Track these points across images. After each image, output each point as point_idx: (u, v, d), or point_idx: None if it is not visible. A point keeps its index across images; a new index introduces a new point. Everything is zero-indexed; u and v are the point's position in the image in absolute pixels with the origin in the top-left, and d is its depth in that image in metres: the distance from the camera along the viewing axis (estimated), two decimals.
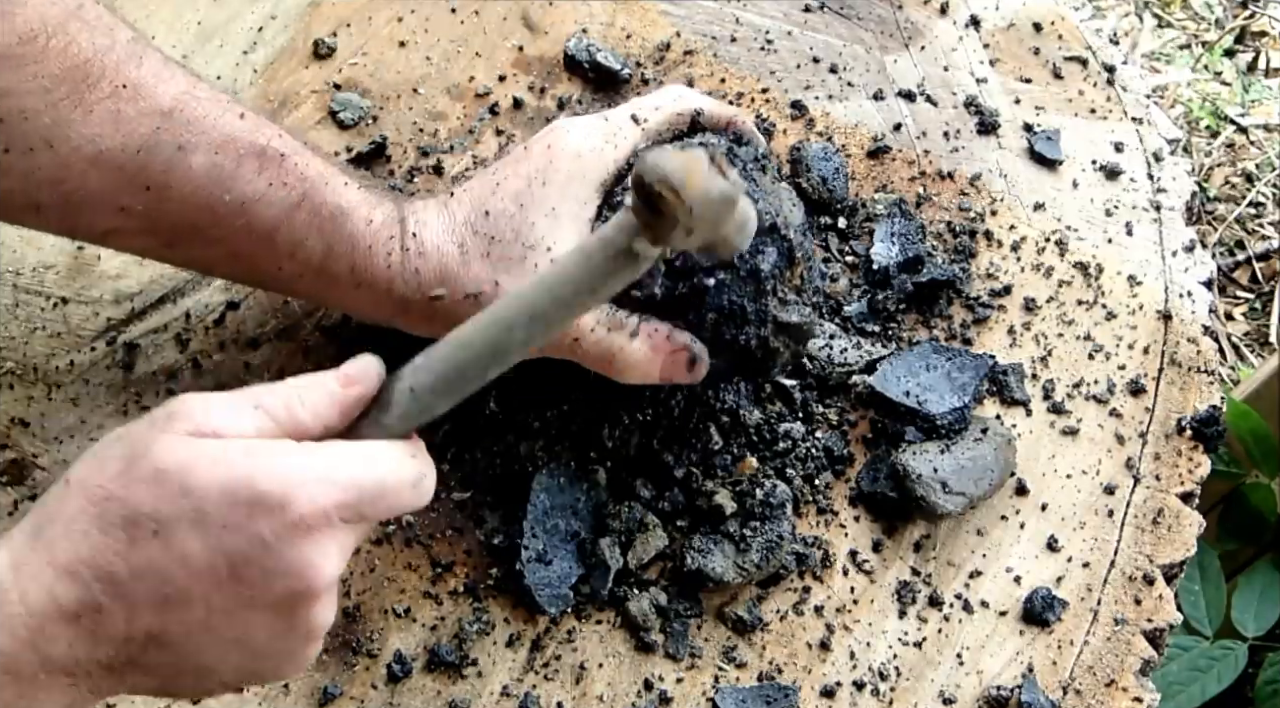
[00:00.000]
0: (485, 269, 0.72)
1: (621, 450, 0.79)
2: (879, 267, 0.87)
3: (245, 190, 0.71)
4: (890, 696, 0.75)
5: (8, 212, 0.72)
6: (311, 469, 0.55)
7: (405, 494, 0.59)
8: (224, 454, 0.55)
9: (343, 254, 0.73)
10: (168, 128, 0.70)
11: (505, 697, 0.74)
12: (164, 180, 0.70)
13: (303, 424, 0.58)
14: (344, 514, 0.56)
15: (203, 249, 0.74)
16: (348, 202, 0.73)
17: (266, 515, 0.54)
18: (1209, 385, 0.86)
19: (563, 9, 1.00)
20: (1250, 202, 2.05)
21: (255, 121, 0.73)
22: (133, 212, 0.71)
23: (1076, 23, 1.03)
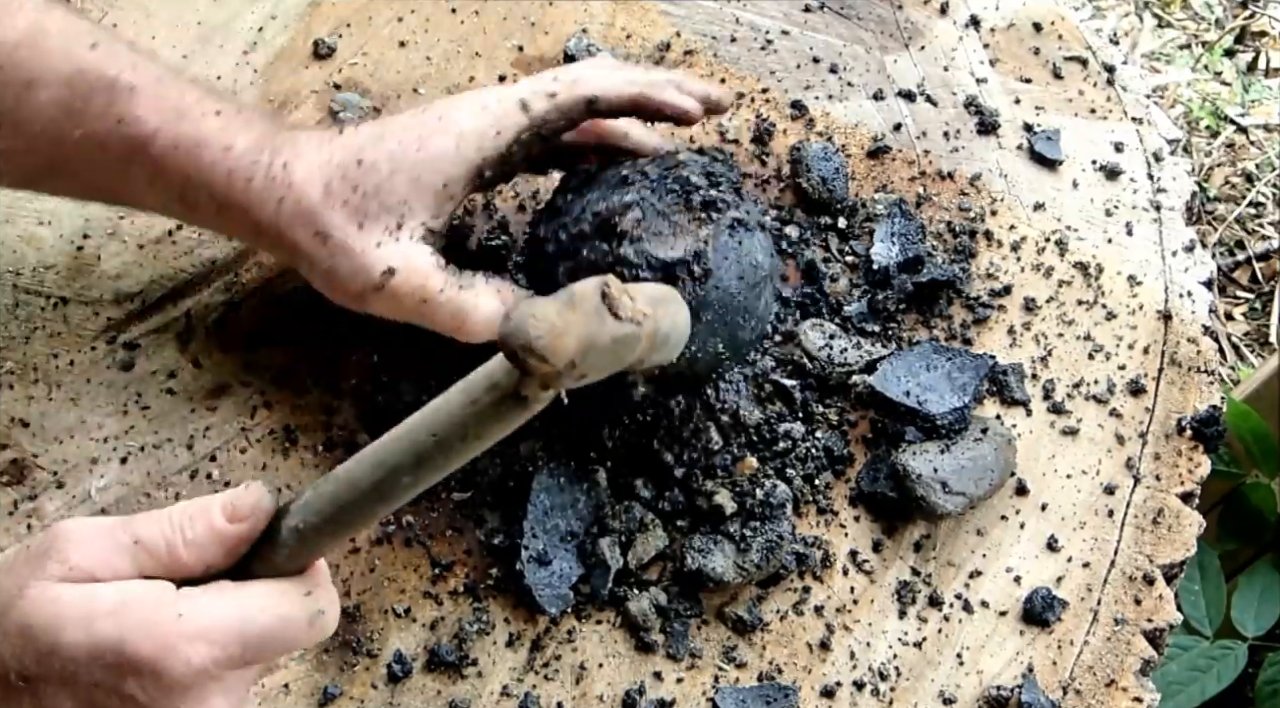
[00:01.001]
0: (340, 216, 0.72)
1: (621, 450, 0.79)
2: (879, 267, 0.87)
3: (95, 126, 0.70)
4: (890, 696, 0.75)
5: None
6: (187, 626, 0.53)
7: (299, 635, 0.56)
8: (93, 611, 0.52)
9: (201, 183, 0.72)
10: (14, 64, 0.68)
11: (505, 697, 0.74)
12: (15, 117, 0.69)
13: (183, 563, 0.56)
14: (226, 667, 0.54)
15: (64, 183, 0.74)
16: (203, 132, 0.72)
17: (138, 678, 0.52)
18: (1209, 385, 0.86)
19: (563, 9, 1.00)
20: (1250, 202, 2.05)
21: (109, 51, 0.71)
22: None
23: (1076, 23, 1.03)
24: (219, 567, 0.57)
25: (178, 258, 0.87)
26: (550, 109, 0.75)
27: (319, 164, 0.73)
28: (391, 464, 0.53)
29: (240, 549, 0.57)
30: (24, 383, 0.82)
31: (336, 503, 0.55)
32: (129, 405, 0.82)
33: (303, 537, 0.56)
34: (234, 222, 0.74)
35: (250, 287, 0.86)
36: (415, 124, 0.74)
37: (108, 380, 0.82)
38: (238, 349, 0.84)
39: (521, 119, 0.74)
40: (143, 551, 0.55)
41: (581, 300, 0.48)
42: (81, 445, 0.80)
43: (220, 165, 0.72)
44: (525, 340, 0.46)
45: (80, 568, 0.54)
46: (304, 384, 0.83)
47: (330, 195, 0.72)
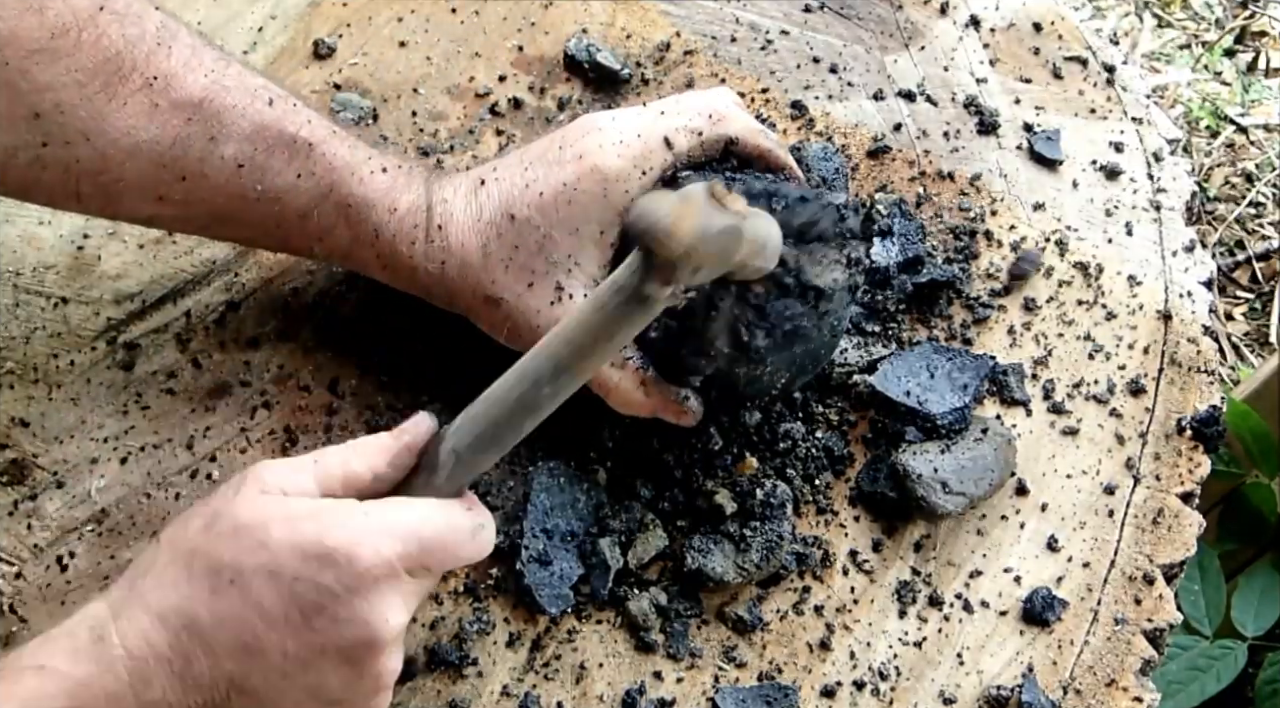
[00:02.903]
0: (507, 279, 0.73)
1: (621, 450, 0.79)
2: (879, 267, 0.87)
3: (275, 182, 0.73)
4: (890, 696, 0.75)
5: (51, 200, 0.74)
6: (374, 524, 0.60)
7: (465, 545, 0.63)
8: (294, 514, 0.60)
9: (367, 243, 0.75)
10: (199, 119, 0.72)
11: (505, 697, 0.74)
12: (199, 170, 0.72)
13: (354, 472, 0.63)
14: (407, 564, 0.60)
15: (237, 231, 0.78)
16: (373, 191, 0.75)
17: (334, 568, 0.58)
18: (1209, 385, 0.86)
19: (563, 9, 1.00)
20: (1250, 202, 2.05)
21: (284, 108, 0.74)
22: (170, 199, 0.73)
23: (1076, 23, 1.03)
24: (386, 477, 0.64)
25: (178, 258, 0.87)
26: (695, 147, 0.75)
27: (469, 224, 0.74)
28: (534, 376, 0.60)
29: (403, 460, 0.64)
30: (24, 383, 0.82)
31: (487, 421, 0.62)
32: (129, 405, 0.82)
33: (460, 458, 0.63)
34: (401, 280, 0.77)
35: (250, 287, 0.86)
36: (558, 168, 0.74)
37: (108, 380, 0.82)
38: (238, 349, 0.84)
39: (667, 157, 0.74)
40: (321, 468, 0.63)
41: (693, 196, 0.54)
42: (81, 445, 0.80)
43: (386, 230, 0.75)
44: (650, 222, 0.52)
45: (274, 486, 0.61)
46: (304, 384, 0.83)
47: (489, 257, 0.74)
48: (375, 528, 0.60)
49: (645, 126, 0.75)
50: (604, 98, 0.96)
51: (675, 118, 0.75)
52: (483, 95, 0.95)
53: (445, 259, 0.74)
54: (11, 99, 0.67)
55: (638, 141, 0.74)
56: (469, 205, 0.75)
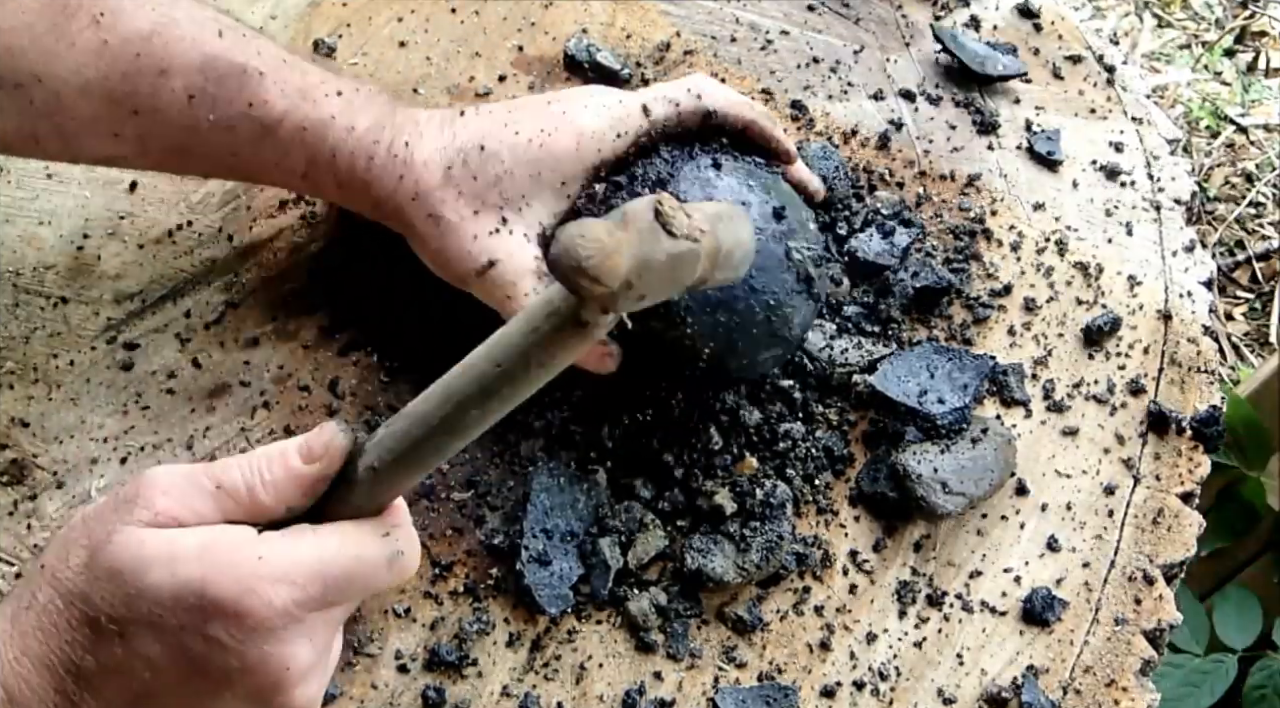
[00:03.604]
0: (458, 202, 0.75)
1: (621, 450, 0.79)
2: (879, 267, 0.87)
3: (226, 111, 0.73)
4: (890, 696, 0.75)
5: (8, 145, 0.74)
6: (267, 568, 0.54)
7: (378, 576, 0.57)
8: (177, 554, 0.54)
9: (324, 163, 0.75)
10: (148, 53, 0.72)
11: (505, 697, 0.74)
12: (150, 104, 0.72)
13: (263, 505, 0.57)
14: (308, 608, 0.55)
15: (194, 164, 0.78)
16: (329, 112, 0.75)
17: (222, 619, 0.53)
18: (1209, 385, 0.86)
19: (563, 9, 1.00)
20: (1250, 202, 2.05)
21: (234, 39, 0.74)
22: (125, 136, 0.74)
23: (1076, 23, 1.03)
24: (299, 507, 0.57)
25: (178, 258, 0.87)
26: (671, 115, 0.77)
27: (440, 146, 0.75)
28: (458, 398, 0.53)
29: (318, 489, 0.57)
30: (24, 383, 0.82)
31: (408, 439, 0.55)
32: (129, 405, 0.82)
33: (378, 475, 0.56)
34: (353, 197, 0.77)
35: (250, 287, 0.86)
36: (539, 116, 0.76)
37: (108, 380, 0.82)
38: (238, 349, 0.84)
39: (643, 123, 0.77)
40: (225, 495, 0.56)
41: (634, 219, 0.46)
42: (81, 445, 0.80)
43: (344, 146, 0.75)
44: (575, 261, 0.44)
45: (166, 513, 0.55)
46: (304, 384, 0.83)
47: (449, 179, 0.75)
48: (268, 574, 0.54)
49: (627, 96, 0.78)
50: None
51: (657, 90, 0.78)
52: (483, 95, 0.95)
53: (404, 173, 0.75)
54: None
55: (618, 106, 0.77)
56: (443, 129, 0.76)
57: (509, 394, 0.52)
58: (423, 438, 0.55)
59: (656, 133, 0.77)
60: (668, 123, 0.77)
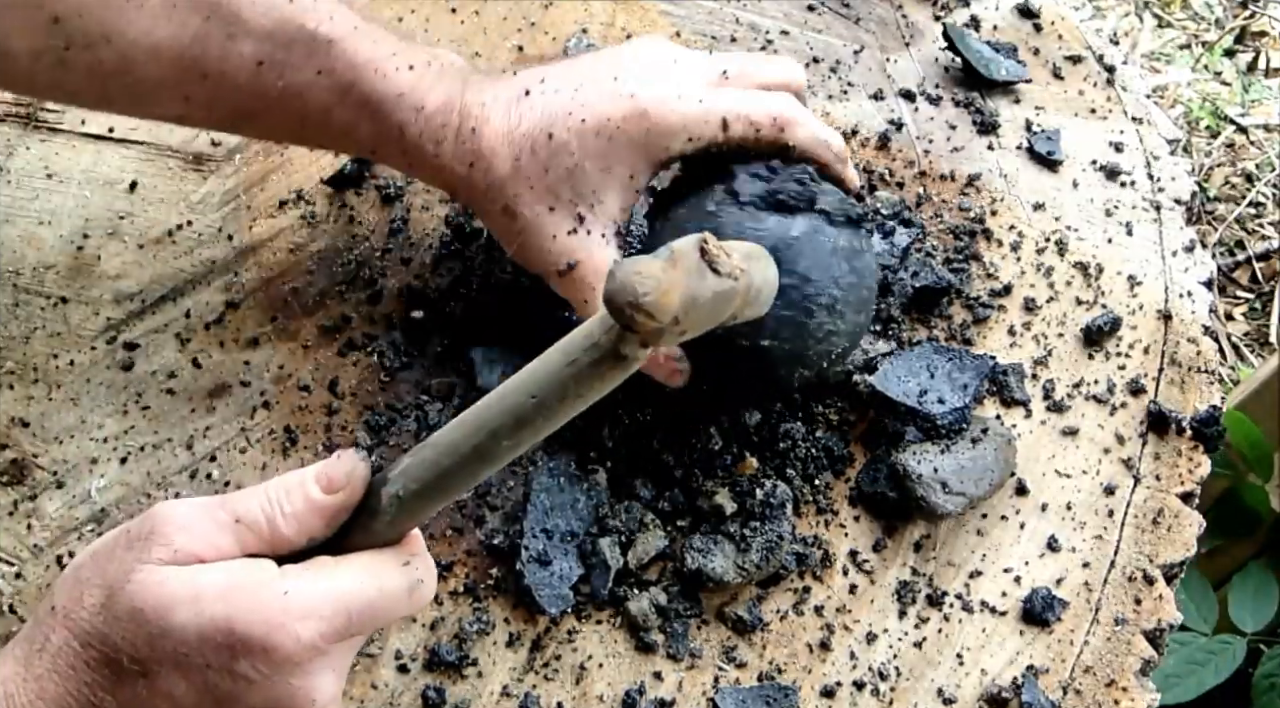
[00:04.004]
0: (531, 196, 0.73)
1: (621, 450, 0.79)
2: (880, 267, 0.87)
3: (295, 78, 0.72)
4: (890, 696, 0.75)
5: (83, 102, 0.75)
6: (294, 604, 0.54)
7: (399, 606, 0.58)
8: (201, 593, 0.53)
9: (392, 139, 0.74)
10: (217, 17, 0.71)
11: (505, 697, 0.74)
12: (219, 69, 0.71)
13: (284, 537, 0.56)
14: (333, 640, 0.55)
15: (264, 129, 0.77)
16: (397, 89, 0.74)
17: (249, 656, 0.53)
18: (1209, 385, 0.86)
19: (563, 9, 1.00)
20: (1250, 202, 2.05)
21: (305, 3, 0.73)
22: (195, 99, 0.73)
23: (1076, 23, 1.03)
24: (320, 537, 0.57)
25: (178, 258, 0.87)
26: (748, 138, 0.74)
27: (506, 132, 0.74)
28: (492, 427, 0.53)
29: (340, 518, 0.57)
30: (24, 383, 0.82)
31: (437, 469, 0.55)
32: (129, 405, 0.82)
33: (403, 504, 0.56)
34: (427, 177, 0.77)
35: (250, 287, 0.86)
36: (609, 101, 0.73)
37: (108, 380, 0.82)
38: (238, 349, 0.84)
39: (718, 135, 0.73)
40: (244, 528, 0.56)
41: (682, 257, 0.48)
42: (81, 445, 0.80)
43: (412, 127, 0.74)
44: (633, 297, 0.46)
45: (185, 550, 0.54)
46: (304, 384, 0.83)
47: (519, 170, 0.73)
48: (295, 610, 0.53)
49: (709, 95, 0.74)
50: None
51: (741, 102, 0.74)
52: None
53: (474, 161, 0.74)
54: (31, 4, 0.67)
55: (697, 107, 0.73)
56: (509, 113, 0.74)
57: (542, 425, 0.53)
58: (452, 467, 0.55)
59: (729, 148, 0.74)
60: (744, 142, 0.74)
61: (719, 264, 0.49)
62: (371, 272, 0.87)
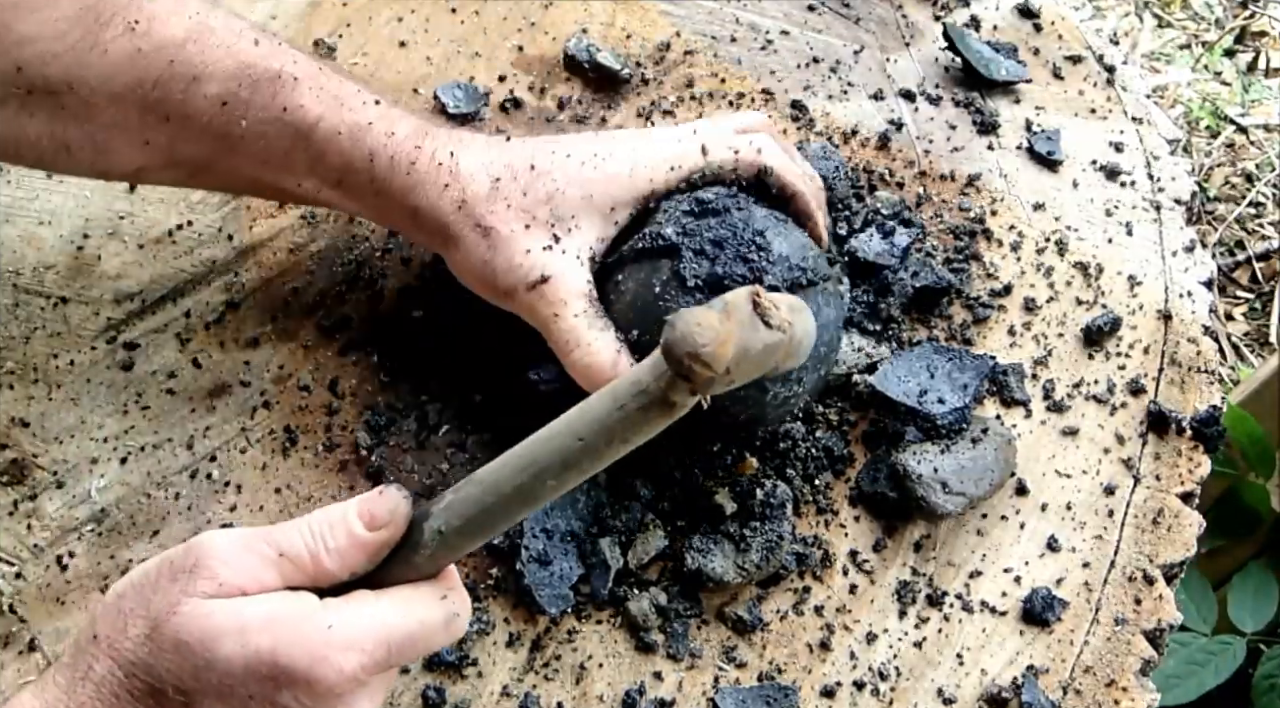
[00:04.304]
0: (508, 214, 0.74)
1: None
2: (881, 267, 0.87)
3: (260, 116, 0.73)
4: (890, 696, 0.75)
5: (41, 156, 0.74)
6: (338, 637, 0.55)
7: (437, 637, 0.59)
8: (246, 625, 0.54)
9: (362, 167, 0.74)
10: (182, 60, 0.71)
11: (505, 697, 0.74)
12: (181, 111, 0.72)
13: (327, 571, 0.58)
14: (374, 672, 0.56)
15: (224, 176, 0.76)
16: (366, 118, 0.74)
17: (292, 687, 0.54)
18: (1209, 385, 0.86)
19: (563, 9, 1.00)
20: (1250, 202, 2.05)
21: (269, 47, 0.74)
22: (156, 145, 0.73)
23: (1076, 23, 1.03)
24: (362, 572, 0.58)
25: (178, 258, 0.87)
26: (728, 162, 0.77)
27: (486, 160, 0.75)
28: (538, 468, 0.55)
29: (382, 554, 0.58)
30: (24, 383, 0.82)
31: (480, 506, 0.57)
32: (129, 405, 0.82)
33: (445, 539, 0.58)
34: (391, 206, 0.75)
35: (250, 287, 0.86)
36: (591, 142, 0.76)
37: (108, 380, 0.82)
38: (238, 349, 0.84)
39: (699, 162, 0.76)
40: (287, 562, 0.57)
41: (736, 309, 0.49)
42: (81, 445, 0.80)
43: (383, 150, 0.74)
44: (692, 348, 0.48)
45: (230, 584, 0.56)
46: (304, 384, 0.83)
47: (497, 191, 0.74)
48: (339, 643, 0.55)
49: (686, 134, 0.77)
50: (604, 98, 0.96)
51: (716, 132, 0.78)
52: (483, 95, 0.95)
53: (449, 182, 0.74)
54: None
55: (675, 143, 0.77)
56: (490, 146, 0.75)
57: (587, 467, 0.55)
58: (495, 505, 0.56)
59: (710, 175, 0.77)
60: (723, 168, 0.77)
61: (770, 317, 0.50)
62: (371, 272, 0.87)
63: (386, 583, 0.59)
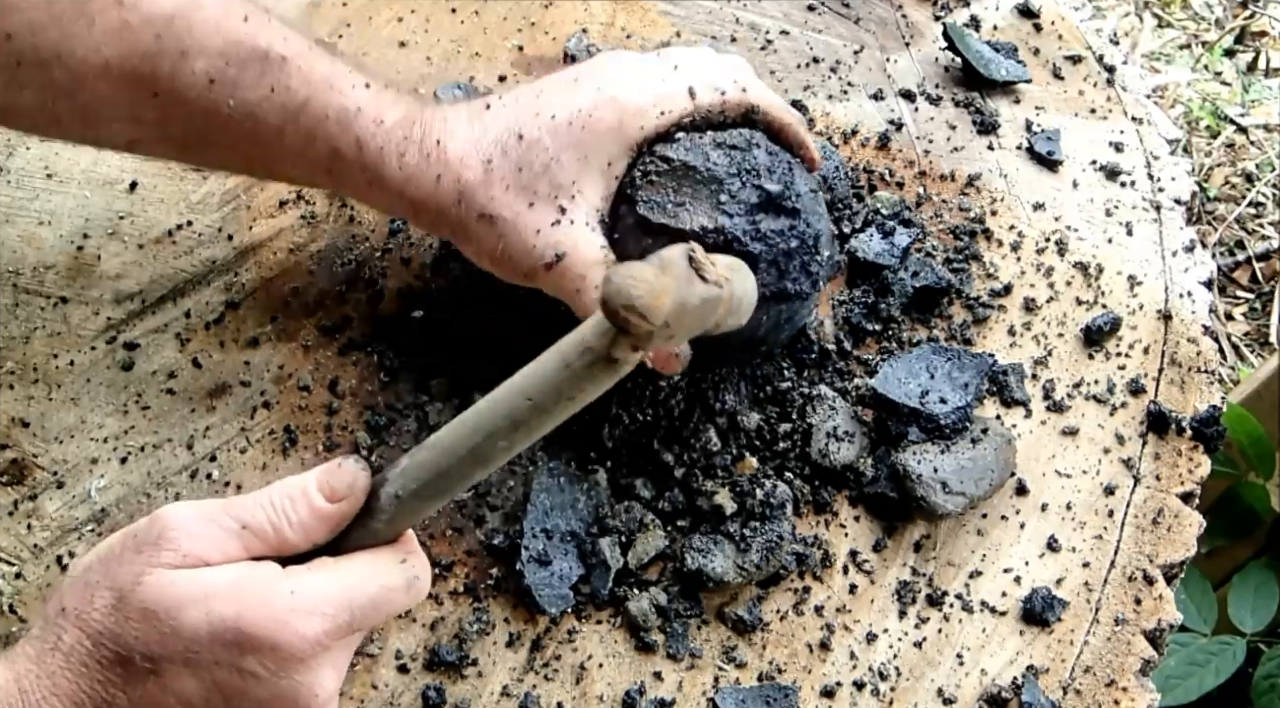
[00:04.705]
0: (508, 196, 0.72)
1: (621, 450, 0.79)
2: (881, 267, 0.87)
3: (247, 96, 0.72)
4: (890, 696, 0.75)
5: (34, 123, 0.73)
6: (300, 602, 0.56)
7: (398, 600, 0.60)
8: (210, 593, 0.56)
9: (351, 156, 0.73)
10: (170, 34, 0.70)
11: (505, 697, 0.74)
12: (170, 86, 0.71)
13: (289, 543, 0.59)
14: (336, 637, 0.57)
15: (217, 153, 0.76)
16: (354, 103, 0.73)
17: (256, 653, 0.55)
18: (1209, 385, 0.86)
19: (563, 9, 1.00)
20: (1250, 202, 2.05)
21: (259, 23, 0.72)
22: (146, 120, 0.72)
23: (1076, 23, 1.03)
24: (323, 541, 0.60)
25: (178, 258, 0.87)
26: (715, 103, 0.75)
27: (473, 140, 0.73)
28: (488, 429, 0.56)
29: (342, 525, 0.60)
30: (24, 383, 0.82)
31: (435, 470, 0.58)
32: (129, 405, 0.82)
33: (402, 504, 0.59)
34: (387, 196, 0.74)
35: (250, 287, 0.86)
36: (574, 95, 0.73)
37: (108, 380, 0.82)
38: (238, 349, 0.84)
39: (687, 105, 0.75)
40: (250, 534, 0.58)
41: (672, 265, 0.50)
42: (81, 445, 0.80)
43: (371, 142, 0.73)
44: (627, 300, 0.49)
45: (193, 554, 0.57)
46: (304, 384, 0.83)
47: (491, 174, 0.72)
48: (302, 608, 0.56)
49: (669, 73, 0.75)
50: None
51: (701, 72, 0.76)
52: (483, 95, 0.95)
53: (441, 173, 0.72)
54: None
55: (661, 84, 0.74)
56: (473, 124, 0.74)
57: (536, 426, 0.56)
58: (449, 468, 0.58)
59: (699, 117, 0.75)
60: (711, 110, 0.75)
61: (706, 273, 0.51)
62: (371, 272, 0.87)
63: (347, 550, 0.60)
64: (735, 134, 0.75)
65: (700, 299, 0.51)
